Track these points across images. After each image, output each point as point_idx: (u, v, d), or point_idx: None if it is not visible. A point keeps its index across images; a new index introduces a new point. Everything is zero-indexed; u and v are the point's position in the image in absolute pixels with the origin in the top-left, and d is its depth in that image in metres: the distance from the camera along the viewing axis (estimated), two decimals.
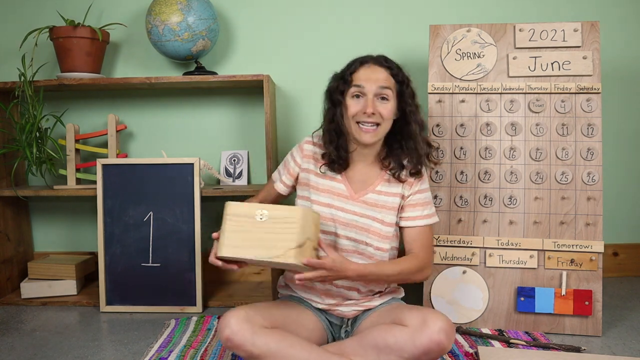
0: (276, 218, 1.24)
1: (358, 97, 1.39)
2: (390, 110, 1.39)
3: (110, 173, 1.94)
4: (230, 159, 2.19)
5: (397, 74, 1.42)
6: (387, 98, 1.38)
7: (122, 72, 2.24)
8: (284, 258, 1.21)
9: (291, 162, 1.52)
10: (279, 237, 1.22)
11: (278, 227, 1.23)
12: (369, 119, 1.36)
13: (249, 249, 1.23)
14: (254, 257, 1.23)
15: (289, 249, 1.21)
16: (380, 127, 1.38)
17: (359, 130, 1.38)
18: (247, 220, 1.25)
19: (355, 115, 1.38)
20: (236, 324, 1.22)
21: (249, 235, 1.24)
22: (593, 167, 1.70)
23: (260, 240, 1.23)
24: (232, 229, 1.25)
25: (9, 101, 2.00)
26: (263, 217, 1.24)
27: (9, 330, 1.76)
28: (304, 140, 1.52)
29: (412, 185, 1.46)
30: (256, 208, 1.26)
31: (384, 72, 1.40)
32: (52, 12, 2.15)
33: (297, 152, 1.52)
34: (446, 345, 1.22)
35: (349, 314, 1.45)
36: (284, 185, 1.55)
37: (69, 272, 2.04)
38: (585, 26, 1.74)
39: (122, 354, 1.56)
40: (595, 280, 1.67)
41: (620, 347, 1.58)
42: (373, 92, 1.37)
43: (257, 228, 1.24)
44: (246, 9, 2.20)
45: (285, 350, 1.23)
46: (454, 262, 1.74)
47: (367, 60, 1.42)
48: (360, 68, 1.40)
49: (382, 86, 1.37)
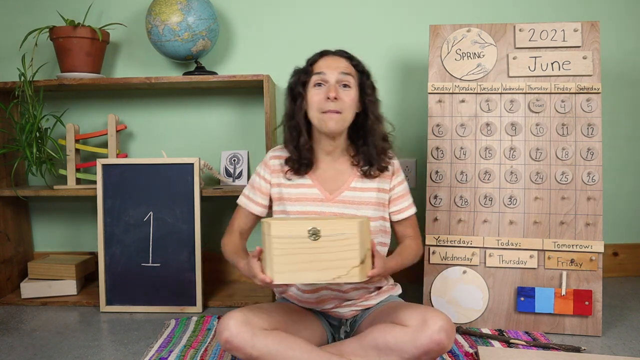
0: (332, 236, 1.12)
1: (320, 86, 1.39)
2: (352, 97, 1.40)
3: (110, 173, 1.94)
4: (230, 159, 2.19)
5: (358, 64, 1.45)
6: (349, 85, 1.40)
7: (122, 72, 2.24)
8: (347, 278, 1.12)
9: (261, 181, 1.49)
10: (338, 256, 1.11)
11: (336, 245, 1.12)
12: (332, 104, 1.36)
13: (305, 272, 1.12)
14: (313, 281, 1.14)
15: (352, 267, 1.12)
16: (343, 114, 1.38)
17: (323, 119, 1.37)
18: (296, 242, 1.12)
19: (319, 104, 1.38)
20: (235, 327, 1.21)
21: (301, 258, 1.12)
22: (593, 167, 1.70)
23: (316, 262, 1.12)
24: (280, 253, 1.12)
25: (9, 101, 2.00)
26: (316, 236, 1.12)
27: (9, 330, 1.76)
28: (268, 156, 1.49)
29: (392, 178, 1.48)
30: (304, 226, 1.12)
31: (344, 61, 1.42)
32: (52, 12, 2.15)
33: (264, 170, 1.49)
34: (447, 344, 1.21)
35: (347, 315, 1.45)
36: (259, 205, 1.49)
37: (69, 272, 2.04)
38: (585, 26, 1.74)
39: (122, 354, 1.56)
40: (595, 280, 1.67)
41: (620, 347, 1.58)
42: (335, 78, 1.38)
43: (310, 249, 1.12)
44: (246, 9, 2.20)
45: (285, 352, 1.23)
46: (454, 262, 1.74)
47: (327, 52, 1.45)
48: (320, 58, 1.43)
49: (344, 72, 1.39)
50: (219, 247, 1.53)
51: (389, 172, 1.48)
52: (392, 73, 2.21)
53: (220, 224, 2.26)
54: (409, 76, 2.21)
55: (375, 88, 1.47)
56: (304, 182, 1.45)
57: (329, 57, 1.43)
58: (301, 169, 1.43)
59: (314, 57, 1.45)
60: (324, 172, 1.46)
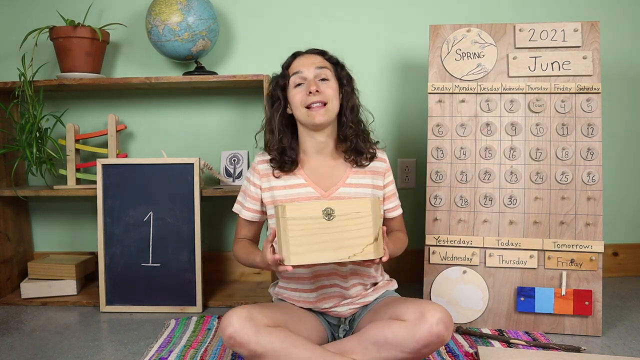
0: (346, 215, 1.15)
1: (300, 85, 1.43)
2: (334, 88, 1.43)
3: (110, 173, 1.94)
4: (230, 159, 2.19)
5: (331, 57, 1.49)
6: (327, 79, 1.43)
7: (122, 72, 2.24)
8: (362, 256, 1.15)
9: (251, 187, 1.49)
10: (353, 235, 1.15)
11: (350, 225, 1.15)
12: (315, 97, 1.39)
13: (320, 252, 1.15)
14: (329, 260, 1.16)
15: (366, 245, 1.15)
16: (328, 104, 1.41)
17: (309, 114, 1.40)
18: (311, 222, 1.14)
19: (302, 101, 1.41)
20: (239, 322, 1.21)
21: (317, 239, 1.14)
22: (593, 167, 1.70)
23: (332, 242, 1.15)
24: (296, 234, 1.14)
25: (9, 101, 2.00)
26: (331, 216, 1.15)
27: (9, 330, 1.76)
28: (255, 161, 1.50)
29: (385, 175, 1.52)
30: (319, 207, 1.15)
31: (318, 57, 1.47)
32: (52, 12, 2.15)
33: (254, 175, 1.49)
34: (445, 336, 1.22)
35: (346, 313, 1.45)
36: (250, 211, 1.50)
37: (69, 272, 2.04)
38: (585, 26, 1.74)
39: (122, 354, 1.56)
40: (595, 280, 1.67)
41: (620, 347, 1.58)
42: (312, 73, 1.42)
43: (325, 229, 1.15)
44: (246, 9, 2.20)
45: (289, 350, 1.23)
46: (454, 262, 1.74)
47: (299, 52, 1.50)
48: (294, 60, 1.48)
49: (319, 66, 1.43)
50: (219, 247, 1.53)
51: (382, 167, 1.51)
52: (392, 73, 2.21)
53: (220, 224, 2.26)
54: (409, 76, 2.21)
55: (352, 78, 1.51)
56: (296, 181, 1.45)
57: (302, 57, 1.47)
58: (285, 167, 1.45)
59: (288, 60, 1.49)
60: (317, 170, 1.47)
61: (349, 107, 1.47)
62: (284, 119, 1.47)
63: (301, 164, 1.47)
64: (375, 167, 1.51)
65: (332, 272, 1.42)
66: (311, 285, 1.43)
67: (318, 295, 1.43)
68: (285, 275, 1.47)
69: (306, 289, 1.44)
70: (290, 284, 1.46)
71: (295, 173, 1.46)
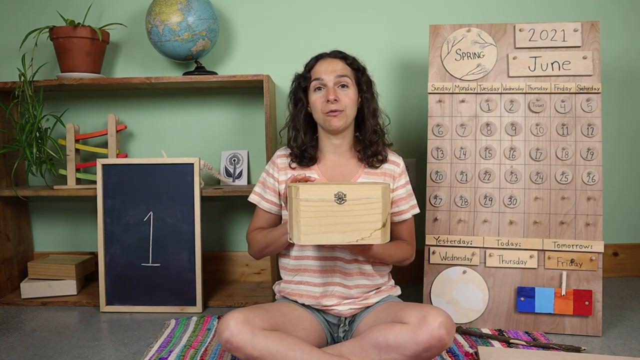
0: (357, 199, 1.18)
1: (320, 90, 1.47)
2: (351, 96, 1.47)
3: (110, 173, 1.94)
4: (230, 159, 2.19)
5: (353, 62, 1.51)
6: (347, 85, 1.46)
7: (122, 72, 2.24)
8: (370, 240, 1.18)
9: (269, 179, 1.54)
10: (362, 219, 1.17)
11: (360, 209, 1.17)
12: (332, 106, 1.43)
13: (330, 234, 1.17)
14: (338, 242, 1.18)
15: (374, 229, 1.18)
16: (345, 111, 1.45)
17: (327, 119, 1.45)
18: (323, 205, 1.17)
19: (321, 107, 1.46)
20: (235, 326, 1.22)
21: (328, 220, 1.17)
22: (593, 167, 1.70)
23: (342, 224, 1.17)
24: (308, 215, 1.17)
25: (9, 101, 2.00)
26: (342, 199, 1.18)
27: (9, 330, 1.76)
28: (275, 155, 1.56)
29: (397, 179, 1.52)
30: (331, 190, 1.18)
31: (339, 62, 1.49)
32: (52, 12, 2.15)
33: (272, 168, 1.55)
34: (447, 340, 1.22)
35: (346, 313, 1.45)
36: (271, 204, 1.54)
37: (69, 272, 2.05)
38: (585, 26, 1.74)
39: (122, 354, 1.56)
40: (595, 280, 1.67)
41: (620, 347, 1.58)
42: (332, 81, 1.45)
43: (336, 212, 1.17)
44: (246, 9, 2.21)
45: (285, 353, 1.23)
46: (454, 262, 1.74)
47: (323, 55, 1.52)
48: (316, 63, 1.50)
49: (340, 74, 1.46)
50: (219, 247, 1.53)
51: (395, 171, 1.53)
52: (392, 73, 2.21)
53: (220, 224, 2.27)
54: (409, 76, 2.21)
55: (372, 82, 1.55)
56: (310, 175, 1.49)
57: (324, 61, 1.49)
58: (303, 162, 1.51)
59: (311, 62, 1.53)
60: (331, 168, 1.52)
61: (370, 112, 1.51)
62: (306, 118, 1.53)
63: (317, 160, 1.53)
64: (388, 169, 1.53)
65: (337, 270, 1.44)
66: (317, 279, 1.44)
67: (323, 291, 1.44)
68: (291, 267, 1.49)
69: (311, 283, 1.45)
70: (296, 276, 1.47)
71: (311, 168, 1.51)
